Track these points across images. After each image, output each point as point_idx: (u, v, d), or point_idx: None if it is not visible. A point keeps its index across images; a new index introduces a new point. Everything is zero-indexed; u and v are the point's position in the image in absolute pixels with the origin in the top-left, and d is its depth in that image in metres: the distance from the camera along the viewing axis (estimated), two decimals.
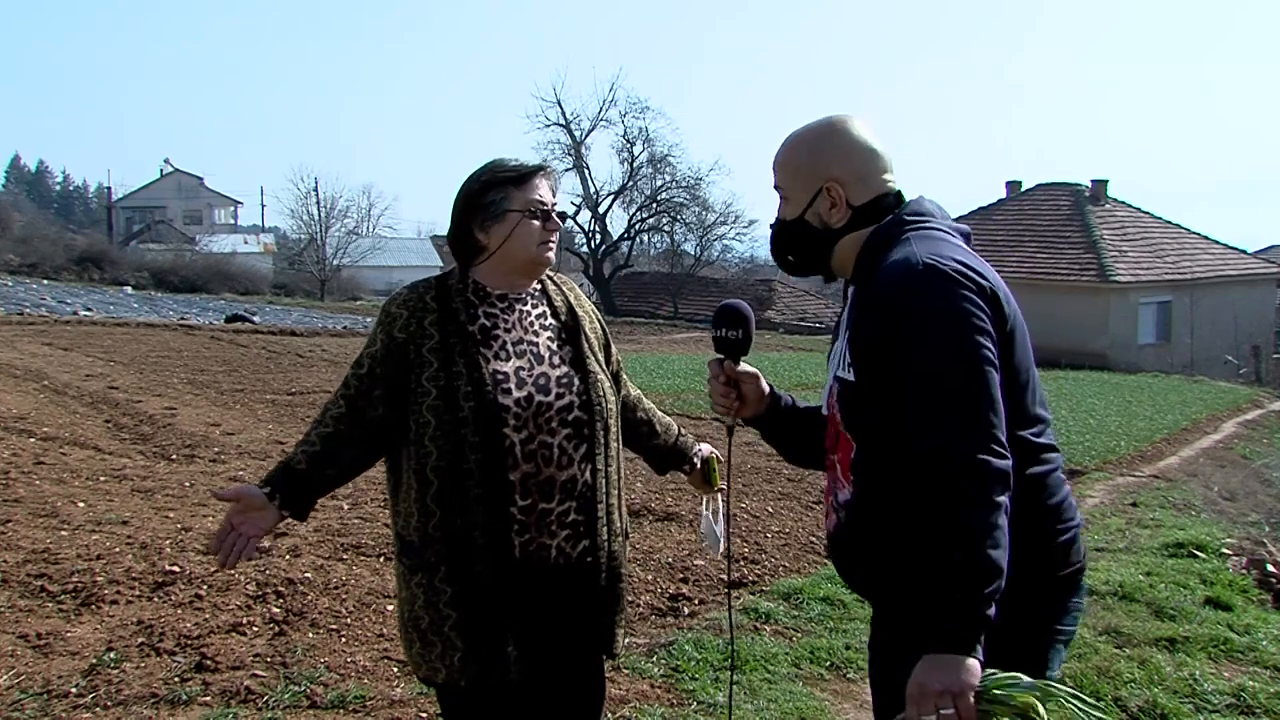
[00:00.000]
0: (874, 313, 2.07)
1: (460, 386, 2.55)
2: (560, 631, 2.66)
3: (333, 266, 49.89)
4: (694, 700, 4.37)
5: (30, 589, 5.12)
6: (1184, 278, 32.87)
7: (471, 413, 2.54)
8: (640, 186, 47.40)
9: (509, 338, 2.67)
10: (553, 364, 2.69)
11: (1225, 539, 7.80)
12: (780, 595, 5.78)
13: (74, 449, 8.76)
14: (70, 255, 40.94)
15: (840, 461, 2.24)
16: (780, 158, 2.31)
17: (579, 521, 2.65)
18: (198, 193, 74.60)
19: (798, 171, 2.27)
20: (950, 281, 2.01)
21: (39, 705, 3.99)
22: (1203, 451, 13.51)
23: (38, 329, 19.17)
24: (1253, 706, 4.52)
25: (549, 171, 2.76)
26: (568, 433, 2.64)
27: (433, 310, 2.64)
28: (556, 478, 2.61)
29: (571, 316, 2.81)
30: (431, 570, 2.57)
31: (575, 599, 2.66)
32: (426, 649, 2.60)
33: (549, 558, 2.61)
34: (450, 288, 2.70)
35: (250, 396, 12.53)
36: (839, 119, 2.27)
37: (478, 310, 2.67)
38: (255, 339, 20.24)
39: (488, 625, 2.56)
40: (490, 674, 2.57)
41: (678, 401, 13.23)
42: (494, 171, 2.69)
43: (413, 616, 2.62)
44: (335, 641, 4.77)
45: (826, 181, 2.23)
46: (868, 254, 2.20)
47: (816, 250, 2.30)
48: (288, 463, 2.69)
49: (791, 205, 2.29)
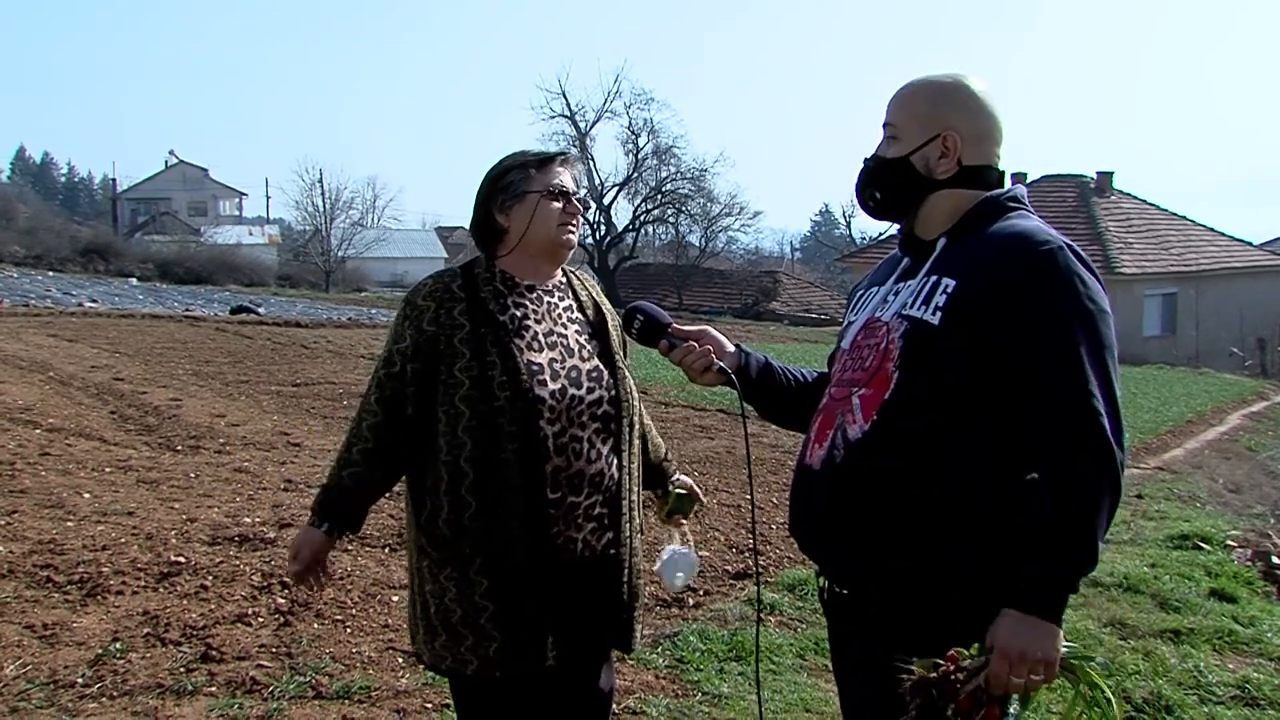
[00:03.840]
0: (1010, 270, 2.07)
1: (495, 377, 2.54)
2: (586, 624, 2.67)
3: (338, 258, 49.89)
4: (699, 691, 4.37)
5: (36, 579, 5.14)
6: (1189, 270, 32.80)
7: (508, 403, 2.53)
8: (645, 178, 47.34)
9: (540, 329, 2.65)
10: (582, 357, 2.69)
11: (1230, 531, 7.79)
12: (785, 586, 5.78)
13: (79, 440, 8.77)
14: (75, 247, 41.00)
15: (865, 398, 2.17)
16: (903, 95, 2.26)
17: (604, 515, 2.66)
18: (203, 184, 74.68)
19: (918, 112, 2.23)
20: (1092, 271, 2.11)
21: (45, 695, 4.00)
22: (1208, 444, 13.48)
23: (43, 320, 19.20)
24: (1257, 698, 4.51)
25: (571, 159, 2.77)
26: (596, 427, 2.64)
27: (460, 299, 2.62)
28: (585, 471, 2.61)
29: (597, 311, 2.82)
30: (466, 562, 2.55)
31: (598, 592, 2.67)
32: (455, 641, 2.58)
33: (575, 550, 2.61)
34: (477, 277, 2.68)
35: (255, 388, 12.53)
36: (973, 78, 2.26)
37: (507, 300, 2.65)
38: (260, 330, 20.23)
39: (525, 616, 2.55)
40: (526, 665, 2.56)
41: (682, 393, 13.21)
42: (516, 156, 2.72)
43: (441, 610, 2.59)
44: (340, 632, 4.77)
45: (946, 130, 2.20)
46: (976, 216, 2.20)
47: (909, 194, 2.25)
48: (332, 486, 2.67)
49: (900, 144, 2.23)
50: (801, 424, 2.42)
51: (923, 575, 2.08)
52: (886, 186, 2.27)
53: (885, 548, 2.11)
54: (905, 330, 2.14)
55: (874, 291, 2.33)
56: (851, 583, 2.21)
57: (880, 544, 2.12)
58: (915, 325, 2.13)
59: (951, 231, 2.21)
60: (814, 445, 2.27)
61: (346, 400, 11.67)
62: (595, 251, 47.06)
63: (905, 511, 2.08)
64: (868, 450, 2.14)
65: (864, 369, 2.21)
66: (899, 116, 2.25)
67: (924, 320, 2.12)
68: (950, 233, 2.21)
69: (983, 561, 2.04)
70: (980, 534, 2.05)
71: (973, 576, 2.05)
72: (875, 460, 2.12)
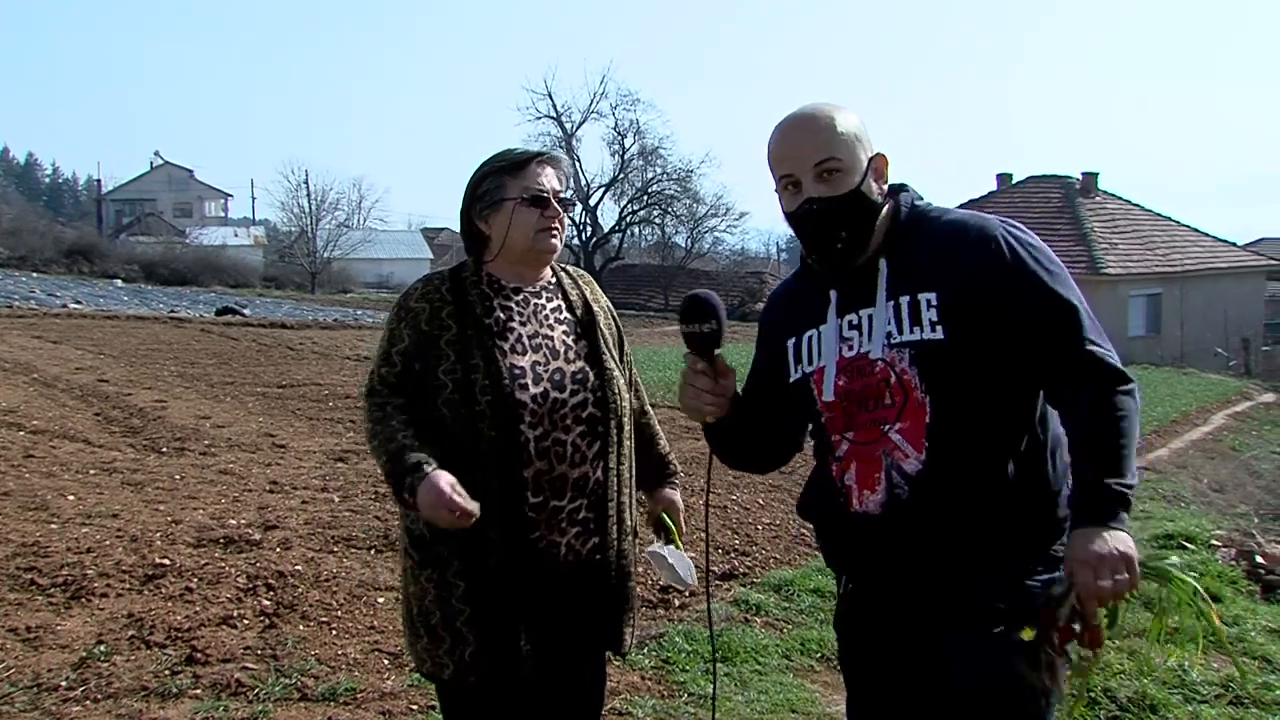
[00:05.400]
0: (977, 256, 2.13)
1: (477, 380, 2.51)
2: (570, 628, 2.65)
3: (323, 259, 49.79)
4: (684, 692, 4.38)
5: (20, 582, 5.11)
6: (1174, 270, 32.94)
7: (488, 407, 2.50)
8: (631, 179, 47.54)
9: (524, 331, 2.63)
10: (568, 359, 2.65)
11: (1214, 530, 7.83)
12: (771, 587, 5.79)
13: (64, 442, 8.74)
14: (60, 248, 40.89)
15: (906, 431, 2.15)
16: (827, 129, 2.17)
17: (589, 519, 2.63)
18: (188, 185, 74.47)
19: (856, 141, 2.18)
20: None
21: (29, 698, 3.98)
22: (1192, 443, 13.55)
23: (27, 322, 19.14)
24: (1241, 697, 4.53)
25: (551, 158, 2.70)
26: (581, 430, 2.61)
27: (449, 302, 2.61)
28: (569, 475, 2.58)
29: (587, 311, 2.77)
30: (444, 565, 2.54)
31: (584, 596, 2.64)
32: (434, 644, 2.56)
33: (559, 555, 2.58)
34: (465, 280, 2.66)
35: (241, 389, 12.51)
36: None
37: (493, 303, 2.63)
38: (246, 331, 20.21)
39: (500, 620, 2.53)
40: (501, 669, 2.54)
41: (669, 394, 13.20)
42: (493, 161, 2.67)
43: (422, 611, 2.58)
44: (326, 634, 4.76)
45: (875, 153, 2.21)
46: (911, 223, 2.22)
47: (870, 224, 2.21)
48: (400, 455, 2.44)
49: (848, 176, 2.16)
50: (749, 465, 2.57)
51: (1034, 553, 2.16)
52: (852, 223, 2.19)
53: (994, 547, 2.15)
54: (913, 355, 2.14)
55: (817, 334, 2.28)
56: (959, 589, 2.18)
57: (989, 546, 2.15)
58: (921, 347, 2.13)
59: (887, 250, 2.22)
60: (860, 492, 2.23)
61: (332, 402, 11.65)
62: (581, 252, 47.09)
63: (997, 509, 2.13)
64: (937, 475, 2.14)
65: (885, 405, 2.18)
66: (839, 150, 2.16)
67: (928, 340, 2.12)
68: (886, 251, 2.21)
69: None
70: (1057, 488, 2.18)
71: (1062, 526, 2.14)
72: (950, 481, 2.13)
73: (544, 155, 2.70)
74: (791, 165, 2.18)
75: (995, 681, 2.07)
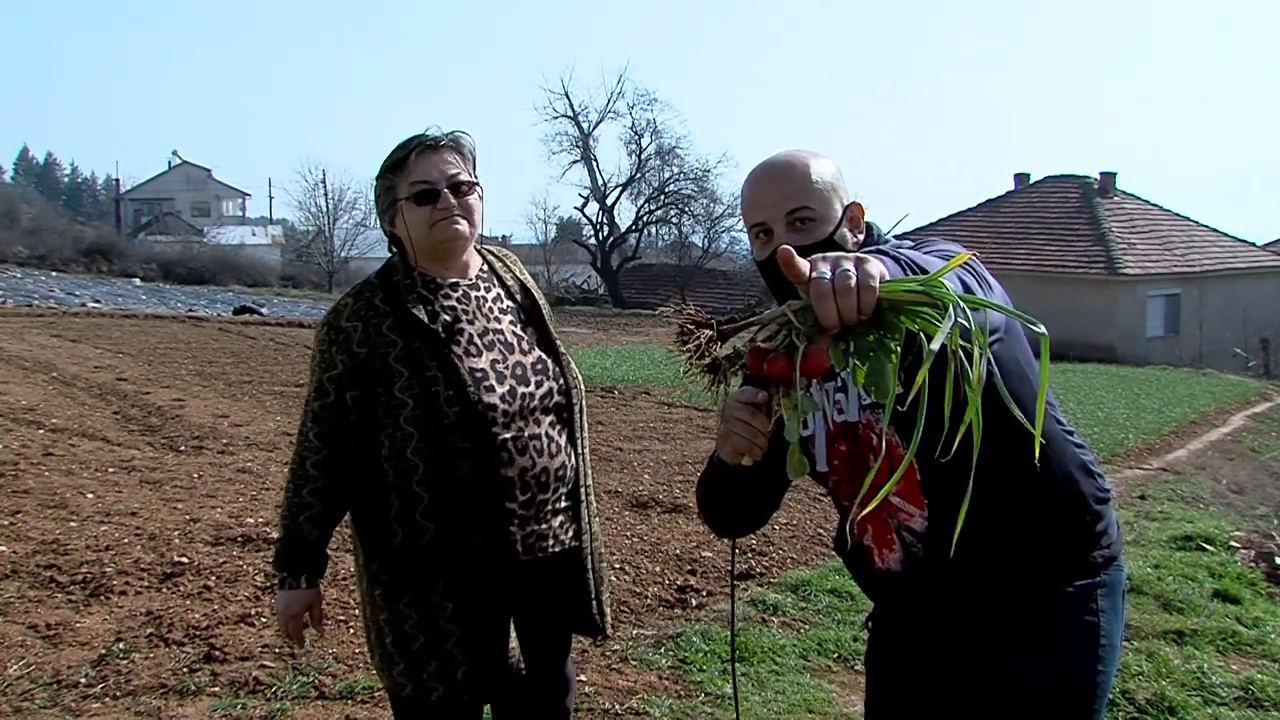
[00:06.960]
0: None
1: (440, 391, 2.43)
2: (556, 623, 2.65)
3: (341, 259, 49.81)
4: (701, 691, 4.37)
5: (40, 580, 5.14)
6: (1193, 270, 32.75)
7: (458, 417, 2.43)
8: (648, 178, 47.39)
9: (473, 330, 2.54)
10: (523, 350, 2.59)
11: (1234, 532, 7.78)
12: (788, 587, 5.78)
13: (82, 440, 8.78)
14: (78, 247, 41.00)
15: (904, 491, 2.12)
16: (801, 178, 2.08)
17: (569, 506, 2.61)
18: (205, 185, 74.69)
19: (830, 190, 2.10)
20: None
21: (49, 695, 4.01)
22: (1211, 444, 13.45)
23: (46, 321, 19.22)
24: (1261, 699, 4.50)
25: (432, 140, 2.55)
26: (551, 419, 2.58)
27: (387, 314, 2.50)
28: (549, 467, 2.55)
29: (526, 294, 2.71)
30: (426, 588, 2.47)
31: (567, 584, 2.63)
32: (416, 668, 2.50)
33: (548, 547, 2.57)
34: (398, 284, 2.54)
35: (258, 388, 12.54)
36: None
37: (435, 305, 2.53)
38: (263, 331, 20.24)
39: (493, 634, 2.51)
40: (498, 681, 2.52)
41: (684, 393, 13.20)
42: (384, 161, 2.57)
43: (400, 637, 2.51)
44: (343, 632, 4.77)
45: (850, 201, 2.13)
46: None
47: None
48: (294, 539, 2.54)
49: (821, 225, 2.07)
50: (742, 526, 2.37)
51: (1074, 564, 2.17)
52: None
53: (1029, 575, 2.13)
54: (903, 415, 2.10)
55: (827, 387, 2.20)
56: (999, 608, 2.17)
57: (1022, 577, 2.13)
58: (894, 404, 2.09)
59: None
60: (881, 552, 2.21)
61: None
62: (598, 252, 47.09)
63: (1019, 541, 2.11)
64: (947, 530, 2.03)
65: (879, 471, 2.09)
66: (813, 199, 2.07)
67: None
68: None
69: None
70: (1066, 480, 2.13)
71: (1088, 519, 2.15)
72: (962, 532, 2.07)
73: (424, 142, 2.55)
74: (764, 213, 2.10)
75: (1043, 683, 2.09)
